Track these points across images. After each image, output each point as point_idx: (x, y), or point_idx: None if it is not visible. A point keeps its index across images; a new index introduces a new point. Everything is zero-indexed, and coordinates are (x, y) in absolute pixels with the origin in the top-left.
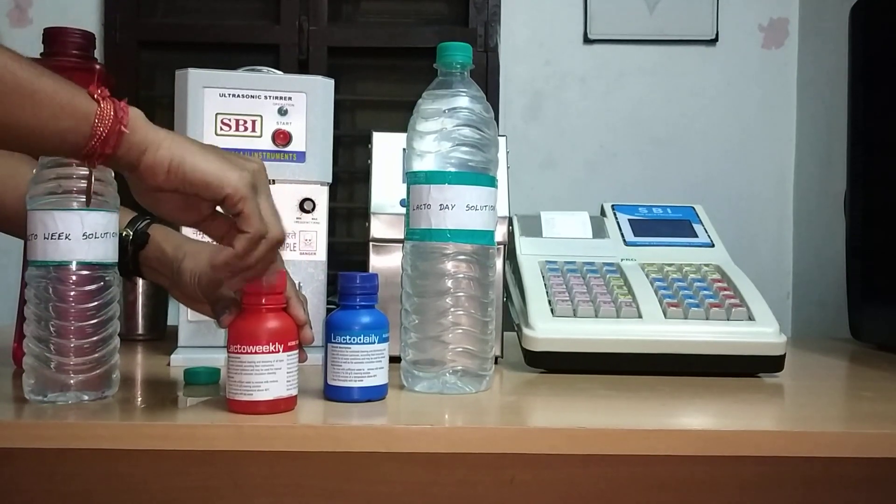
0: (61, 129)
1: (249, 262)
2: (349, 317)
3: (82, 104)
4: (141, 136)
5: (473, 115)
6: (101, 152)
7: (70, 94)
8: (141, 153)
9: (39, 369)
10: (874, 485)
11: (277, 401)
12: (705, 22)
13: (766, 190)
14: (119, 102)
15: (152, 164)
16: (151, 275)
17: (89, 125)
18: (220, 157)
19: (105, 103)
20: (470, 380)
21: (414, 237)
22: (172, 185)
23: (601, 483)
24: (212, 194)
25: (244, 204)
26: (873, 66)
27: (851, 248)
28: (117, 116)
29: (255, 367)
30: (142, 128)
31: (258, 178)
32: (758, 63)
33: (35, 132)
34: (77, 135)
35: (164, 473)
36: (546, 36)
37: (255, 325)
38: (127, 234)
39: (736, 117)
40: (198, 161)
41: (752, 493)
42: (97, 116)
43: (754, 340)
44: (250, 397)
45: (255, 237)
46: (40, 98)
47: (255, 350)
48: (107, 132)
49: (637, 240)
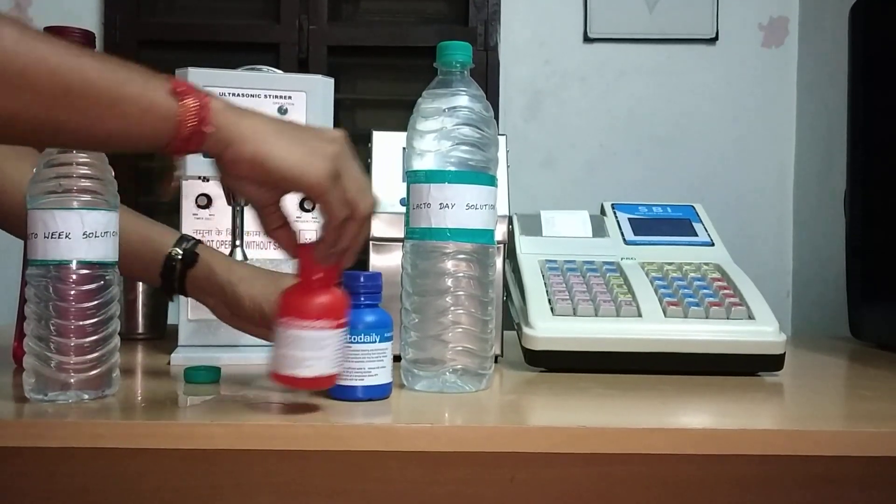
0: (144, 133)
1: (343, 245)
2: (352, 316)
3: (163, 105)
4: (224, 133)
5: (473, 114)
6: (184, 149)
7: (151, 96)
8: (225, 147)
9: (40, 368)
10: (874, 484)
11: (320, 378)
12: (705, 21)
13: (766, 188)
14: (202, 97)
15: (235, 158)
16: (197, 294)
17: (173, 125)
18: (301, 144)
19: (188, 100)
20: (470, 379)
21: (414, 236)
22: (254, 178)
23: (601, 482)
24: (293, 188)
25: (325, 196)
26: (873, 66)
27: (851, 246)
28: (200, 115)
29: (303, 342)
30: (224, 123)
31: (339, 162)
32: (758, 62)
33: (119, 138)
34: (160, 135)
35: (164, 472)
36: (546, 35)
37: (307, 300)
38: (176, 253)
39: (736, 116)
40: (280, 155)
41: (751, 492)
42: (179, 117)
43: (754, 339)
44: (294, 373)
45: (337, 224)
46: (124, 107)
47: (304, 325)
48: (189, 132)
49: (637, 239)
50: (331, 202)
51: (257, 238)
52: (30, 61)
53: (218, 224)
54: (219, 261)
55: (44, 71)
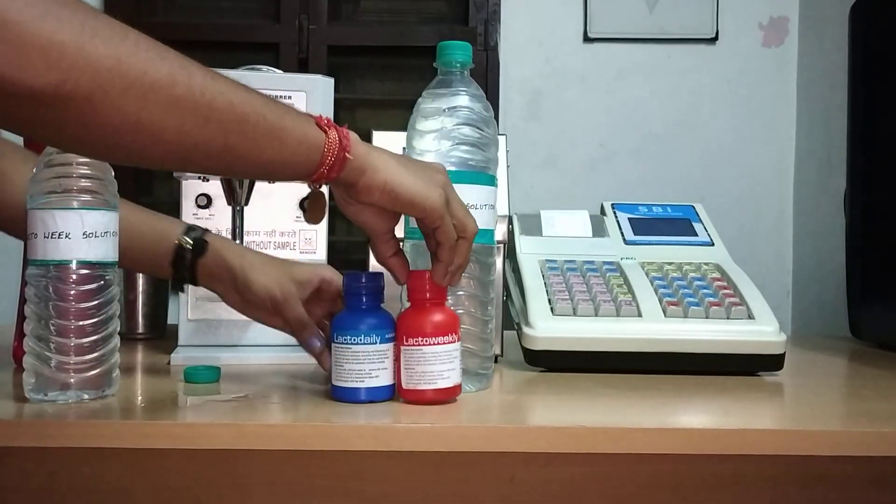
0: (298, 161)
1: (459, 263)
2: (352, 317)
3: (313, 135)
4: (361, 161)
5: (473, 114)
6: (328, 177)
7: (303, 128)
8: (360, 175)
9: (40, 368)
10: (874, 483)
11: (456, 387)
12: (705, 20)
13: (766, 188)
14: (342, 130)
15: (369, 185)
16: (208, 281)
17: (319, 154)
18: (418, 173)
19: (332, 132)
20: (470, 378)
21: (414, 236)
22: (382, 203)
23: (601, 481)
24: (415, 213)
25: (441, 220)
26: (873, 65)
27: (851, 246)
28: (342, 145)
29: (436, 358)
30: (361, 153)
31: (448, 190)
32: (758, 61)
33: (277, 166)
34: (309, 164)
35: (164, 472)
36: (546, 35)
37: (431, 319)
38: (185, 241)
39: (736, 116)
40: (406, 183)
41: (751, 492)
42: (326, 146)
43: (754, 339)
44: (433, 386)
45: (452, 245)
46: (284, 137)
47: (435, 342)
48: (333, 160)
49: (637, 238)
50: (446, 225)
51: (257, 238)
52: (216, 94)
53: (218, 224)
54: (229, 247)
55: (226, 103)
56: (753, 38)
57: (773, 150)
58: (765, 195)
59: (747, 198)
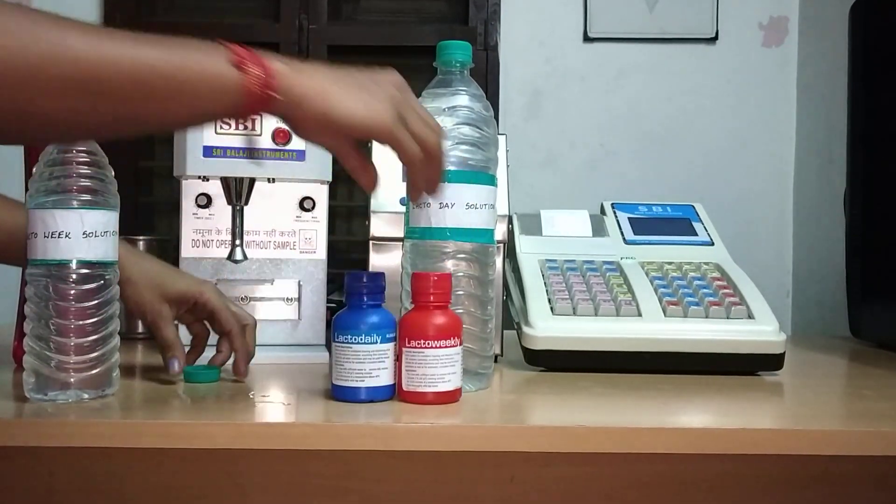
0: (217, 108)
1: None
2: (353, 316)
3: (229, 78)
4: (290, 95)
5: (473, 114)
6: (252, 114)
7: (215, 70)
8: (294, 108)
9: (40, 368)
10: (874, 483)
11: (457, 390)
12: (705, 20)
13: (766, 188)
14: (264, 64)
15: (302, 118)
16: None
17: (240, 97)
18: (362, 91)
19: (251, 69)
20: (470, 378)
21: (414, 236)
22: (323, 132)
23: (601, 481)
24: (361, 136)
25: (392, 138)
26: (873, 65)
27: (851, 246)
28: (265, 84)
29: (438, 361)
30: (288, 86)
31: (400, 105)
32: (758, 61)
33: (197, 118)
34: (231, 106)
35: (164, 471)
36: (546, 34)
37: (433, 322)
38: None
39: (736, 116)
40: (343, 107)
41: (751, 492)
42: (246, 89)
43: (754, 339)
44: (435, 389)
45: (414, 162)
46: (196, 90)
47: (437, 345)
48: (257, 102)
49: (637, 238)
50: (400, 143)
51: (257, 238)
52: (99, 62)
53: (218, 224)
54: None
55: (112, 70)
56: (753, 38)
57: (773, 149)
58: (765, 195)
59: (747, 198)
